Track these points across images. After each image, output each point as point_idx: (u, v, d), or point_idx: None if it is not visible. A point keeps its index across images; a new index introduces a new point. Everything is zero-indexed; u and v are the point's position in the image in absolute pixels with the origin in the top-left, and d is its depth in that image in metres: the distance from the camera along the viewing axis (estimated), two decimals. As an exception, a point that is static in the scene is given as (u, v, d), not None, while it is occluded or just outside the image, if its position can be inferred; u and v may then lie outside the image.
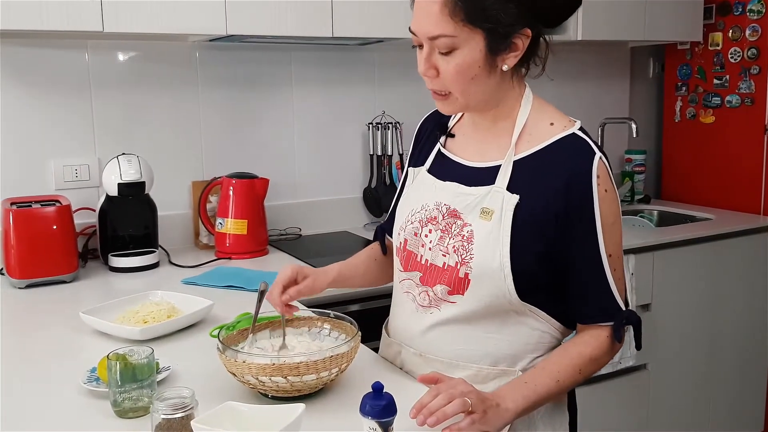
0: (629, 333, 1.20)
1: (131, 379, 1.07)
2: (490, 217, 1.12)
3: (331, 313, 1.28)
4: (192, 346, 1.40)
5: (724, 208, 2.90)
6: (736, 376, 2.69)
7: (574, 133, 1.14)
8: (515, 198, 1.11)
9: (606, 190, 1.10)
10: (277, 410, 0.98)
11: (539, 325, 1.17)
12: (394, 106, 2.55)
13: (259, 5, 1.97)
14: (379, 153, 2.52)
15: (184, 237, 2.31)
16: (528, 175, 1.12)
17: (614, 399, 2.40)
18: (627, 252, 2.32)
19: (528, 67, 1.18)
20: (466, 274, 1.12)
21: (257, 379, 1.08)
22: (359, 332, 1.18)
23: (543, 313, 1.16)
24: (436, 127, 1.29)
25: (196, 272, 1.96)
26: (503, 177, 1.13)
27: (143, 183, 2.00)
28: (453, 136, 1.26)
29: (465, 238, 1.13)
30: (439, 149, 1.25)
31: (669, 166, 3.20)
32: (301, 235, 2.46)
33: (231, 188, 2.14)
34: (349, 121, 2.56)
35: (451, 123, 1.28)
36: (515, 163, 1.14)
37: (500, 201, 1.12)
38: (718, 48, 2.89)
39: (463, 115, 1.27)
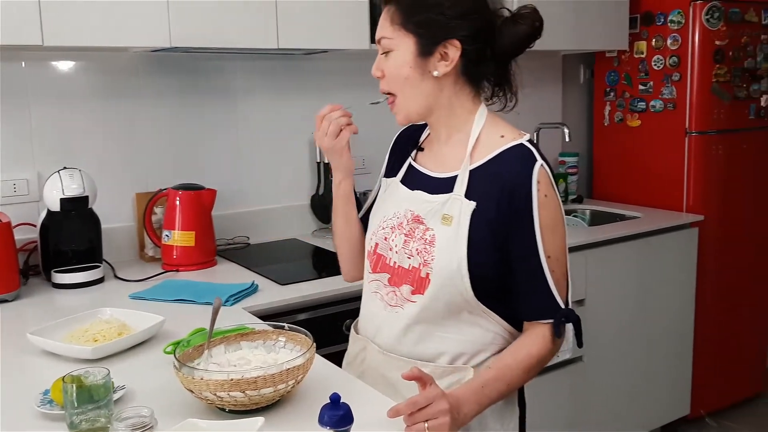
0: (570, 331, 1.28)
1: (87, 400, 1.08)
2: (450, 222, 1.22)
3: (286, 325, 1.31)
4: (145, 363, 1.41)
5: (650, 206, 3.06)
6: (664, 364, 2.85)
7: (521, 143, 1.24)
8: (472, 204, 1.21)
9: (546, 195, 1.19)
10: (237, 425, 1.02)
11: (492, 327, 1.26)
12: (337, 114, 2.59)
13: (203, 17, 1.98)
14: (326, 161, 2.56)
15: (129, 250, 2.29)
16: (481, 182, 1.22)
17: (554, 390, 2.51)
18: (562, 252, 2.43)
19: (485, 89, 1.30)
20: (428, 275, 1.22)
21: (215, 394, 1.10)
22: (314, 344, 1.22)
23: (496, 315, 1.25)
24: (409, 141, 1.40)
25: (144, 286, 1.96)
26: (460, 185, 1.23)
27: (86, 197, 1.98)
28: (422, 149, 1.37)
29: (427, 241, 1.23)
30: (410, 162, 1.36)
31: (599, 167, 3.35)
32: (249, 244, 2.48)
33: (177, 199, 2.14)
34: (296, 130, 2.59)
35: (422, 138, 1.39)
36: (471, 172, 1.24)
37: (458, 207, 1.22)
38: (643, 56, 3.05)
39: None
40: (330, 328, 1.89)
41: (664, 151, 3.02)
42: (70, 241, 2.00)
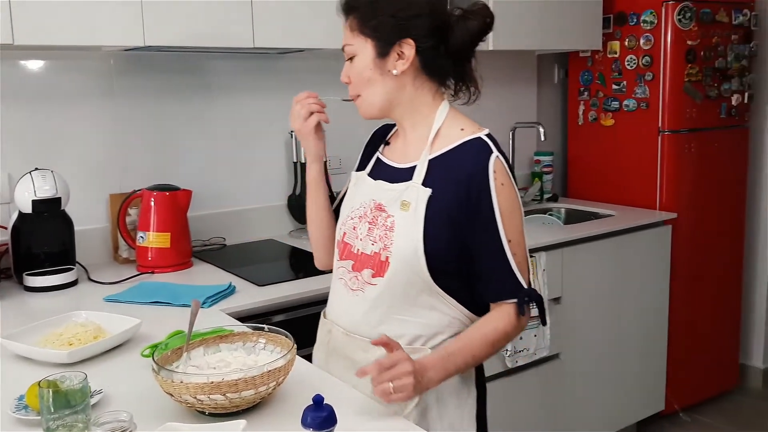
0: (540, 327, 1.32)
1: (64, 405, 1.06)
2: (408, 208, 1.29)
3: (266, 327, 1.30)
4: (122, 366, 1.39)
5: (624, 204, 3.09)
6: (640, 360, 2.89)
7: (479, 137, 1.31)
8: (428, 191, 1.29)
9: (502, 184, 1.27)
10: (218, 428, 1.01)
11: (450, 311, 1.32)
12: (314, 114, 2.58)
13: (177, 15, 1.96)
14: (303, 160, 2.53)
15: (102, 252, 2.25)
16: (440, 172, 1.30)
17: (531, 387, 2.53)
18: (539, 249, 2.46)
19: (449, 86, 1.36)
20: (387, 258, 1.30)
21: (195, 398, 1.09)
22: (295, 345, 1.21)
23: (453, 300, 1.31)
24: (380, 138, 1.49)
25: (118, 288, 1.93)
26: (419, 174, 1.31)
27: (59, 199, 1.94)
28: (389, 144, 1.46)
29: (388, 227, 1.31)
30: (378, 155, 1.45)
31: (573, 166, 3.39)
32: (225, 245, 2.46)
33: (152, 200, 2.11)
34: (272, 129, 2.57)
35: (390, 134, 1.48)
36: (430, 162, 1.32)
37: (416, 194, 1.30)
38: (616, 55, 3.09)
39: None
40: (309, 329, 1.87)
41: (637, 150, 3.06)
42: (42, 243, 1.96)
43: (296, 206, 2.59)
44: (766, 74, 3.30)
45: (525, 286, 1.29)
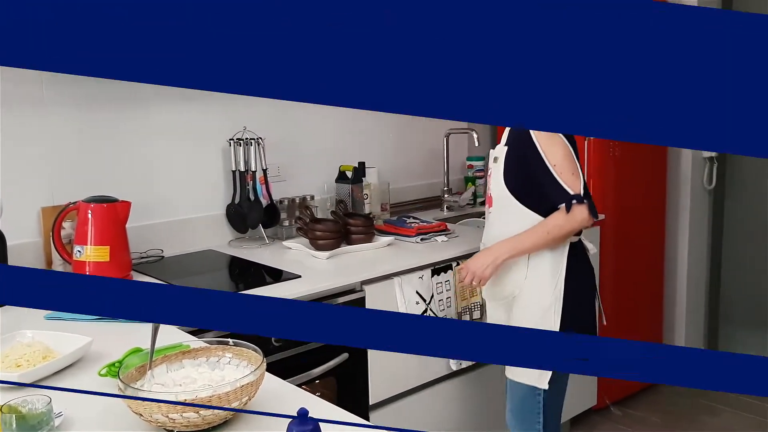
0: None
1: (28, 429, 1.02)
2: (498, 161, 1.99)
3: (231, 340, 1.28)
4: (77, 387, 1.33)
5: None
6: (573, 358, 3.00)
7: None
8: (505, 149, 1.97)
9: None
10: (197, 446, 0.99)
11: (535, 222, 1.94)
12: (255, 122, 2.54)
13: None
14: (242, 169, 2.50)
15: (35, 267, 2.15)
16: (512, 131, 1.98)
17: (474, 389, 2.58)
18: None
19: None
20: (490, 195, 2.06)
21: (167, 416, 1.07)
22: (264, 359, 1.20)
23: (537, 215, 1.92)
24: None
25: (57, 305, 1.84)
26: (504, 137, 2.02)
27: (-8, 213, 1.84)
28: None
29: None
30: None
31: (505, 171, 3.47)
32: (163, 257, 2.39)
33: (89, 213, 2.03)
34: (209, 137, 2.52)
35: None
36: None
37: (501, 152, 1.98)
38: (544, 64, 3.20)
39: None
40: (256, 339, 1.85)
41: (565, 155, 3.17)
42: (-27, 260, 1.85)
43: (235, 215, 2.55)
44: (679, 83, 3.51)
45: (571, 193, 1.86)
